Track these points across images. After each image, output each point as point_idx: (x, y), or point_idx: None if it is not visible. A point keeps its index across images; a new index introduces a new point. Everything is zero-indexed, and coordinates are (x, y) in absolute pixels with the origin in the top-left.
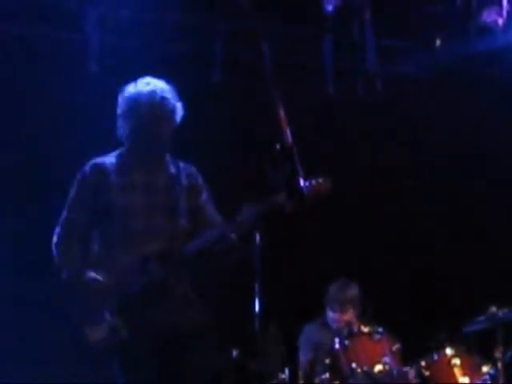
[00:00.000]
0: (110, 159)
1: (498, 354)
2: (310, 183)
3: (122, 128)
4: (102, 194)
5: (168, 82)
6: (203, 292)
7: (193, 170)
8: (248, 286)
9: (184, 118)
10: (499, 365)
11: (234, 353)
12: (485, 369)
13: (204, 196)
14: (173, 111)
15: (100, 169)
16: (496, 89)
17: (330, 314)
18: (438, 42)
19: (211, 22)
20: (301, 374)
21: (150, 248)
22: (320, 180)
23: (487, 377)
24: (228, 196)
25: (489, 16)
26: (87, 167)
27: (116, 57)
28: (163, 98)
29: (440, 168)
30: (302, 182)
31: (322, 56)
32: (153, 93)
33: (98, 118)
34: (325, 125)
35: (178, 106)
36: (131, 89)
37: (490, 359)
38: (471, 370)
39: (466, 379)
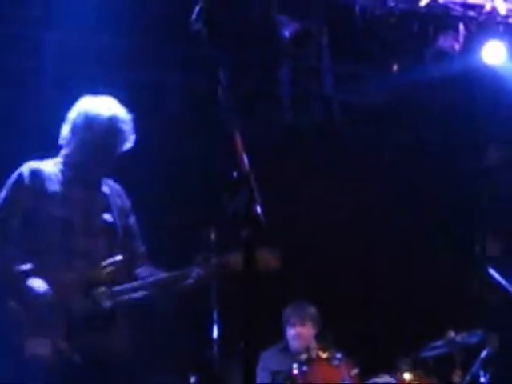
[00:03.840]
0: (48, 166)
1: (456, 379)
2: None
3: (67, 138)
4: (38, 201)
5: (129, 111)
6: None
7: (122, 190)
8: (206, 313)
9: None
10: None
11: (193, 379)
12: None
13: (132, 219)
14: (125, 141)
15: (38, 174)
16: (453, 114)
17: (290, 332)
18: (394, 68)
19: (168, 49)
20: None
21: (96, 273)
22: (268, 254)
23: None
24: (189, 224)
25: (445, 41)
26: (25, 170)
27: (74, 81)
28: (119, 131)
29: (393, 192)
30: (259, 209)
31: (279, 82)
32: (113, 119)
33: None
34: (283, 151)
35: (132, 138)
36: (91, 105)
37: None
38: None
39: None
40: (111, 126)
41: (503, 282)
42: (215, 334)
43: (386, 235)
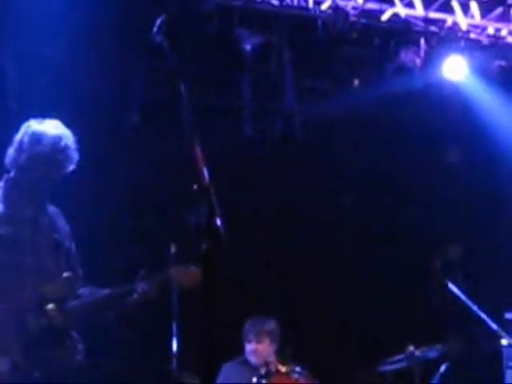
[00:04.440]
0: None
1: None
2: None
3: (12, 157)
4: None
5: (74, 128)
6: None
7: (61, 213)
8: (166, 326)
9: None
10: None
11: None
12: None
13: (72, 243)
14: (70, 161)
15: None
16: (414, 129)
17: (247, 347)
18: (356, 83)
19: (128, 62)
20: None
21: (47, 289)
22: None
23: None
24: (149, 237)
25: (406, 56)
26: None
27: (34, 94)
28: (66, 147)
29: (352, 206)
30: (219, 222)
31: (240, 96)
32: (58, 138)
33: None
34: (243, 165)
35: (76, 157)
36: (37, 125)
37: None
38: None
39: None
40: (59, 142)
41: (462, 296)
42: (174, 347)
43: (348, 250)
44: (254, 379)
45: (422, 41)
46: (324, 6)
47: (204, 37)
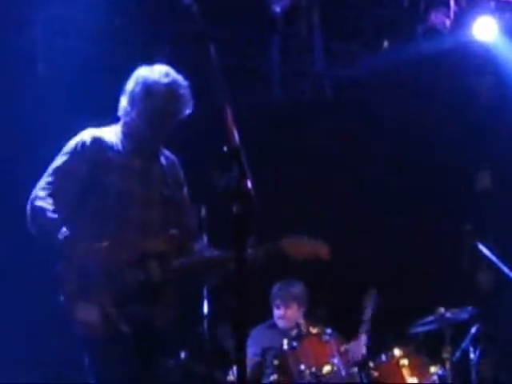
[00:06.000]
0: (108, 135)
1: (446, 355)
2: (311, 242)
3: (126, 108)
4: (99, 170)
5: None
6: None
7: (176, 160)
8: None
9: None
10: (447, 365)
11: (183, 355)
12: (433, 369)
13: (185, 190)
14: (186, 106)
15: (100, 143)
16: (443, 90)
17: (275, 312)
18: (385, 44)
19: (158, 25)
20: (248, 375)
21: (150, 245)
22: (320, 243)
23: (435, 377)
24: None
25: (436, 18)
26: (87, 138)
27: (65, 59)
28: (180, 93)
29: (384, 168)
30: (250, 185)
31: (269, 59)
32: (171, 85)
33: (47, 119)
34: (272, 127)
35: (189, 103)
36: (149, 73)
37: (438, 360)
38: (419, 370)
39: (415, 379)
40: (171, 91)
41: (493, 258)
42: (205, 309)
43: (379, 211)
44: (285, 341)
45: (452, 2)
46: None
47: None
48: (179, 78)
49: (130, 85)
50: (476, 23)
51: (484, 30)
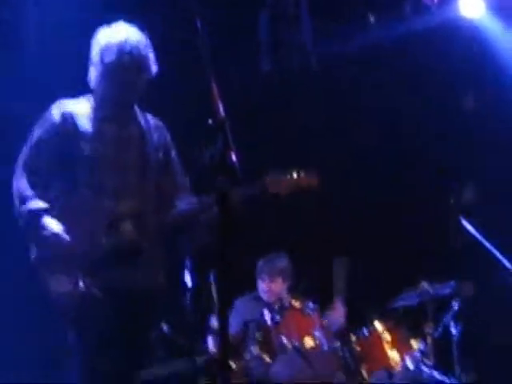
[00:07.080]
0: (79, 105)
1: (427, 330)
2: (292, 175)
3: (92, 75)
4: (69, 142)
5: (141, 29)
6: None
7: (161, 124)
8: (179, 261)
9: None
10: (429, 340)
11: (164, 327)
12: (415, 344)
13: (173, 153)
14: (142, 61)
15: (70, 115)
16: (431, 67)
17: (261, 285)
18: (372, 20)
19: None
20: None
21: (123, 207)
22: (303, 174)
23: (417, 352)
24: None
25: None
26: (56, 111)
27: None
28: (133, 48)
29: (372, 138)
30: (234, 157)
31: (258, 31)
32: (123, 42)
33: (39, 94)
34: (260, 99)
35: (150, 55)
36: (102, 35)
37: (419, 334)
38: (401, 344)
39: (396, 354)
40: (122, 46)
41: (475, 232)
42: (188, 282)
43: (366, 180)
44: (266, 312)
45: None
46: None
47: None
48: (132, 33)
49: (91, 50)
50: (463, 0)
51: (471, 6)
